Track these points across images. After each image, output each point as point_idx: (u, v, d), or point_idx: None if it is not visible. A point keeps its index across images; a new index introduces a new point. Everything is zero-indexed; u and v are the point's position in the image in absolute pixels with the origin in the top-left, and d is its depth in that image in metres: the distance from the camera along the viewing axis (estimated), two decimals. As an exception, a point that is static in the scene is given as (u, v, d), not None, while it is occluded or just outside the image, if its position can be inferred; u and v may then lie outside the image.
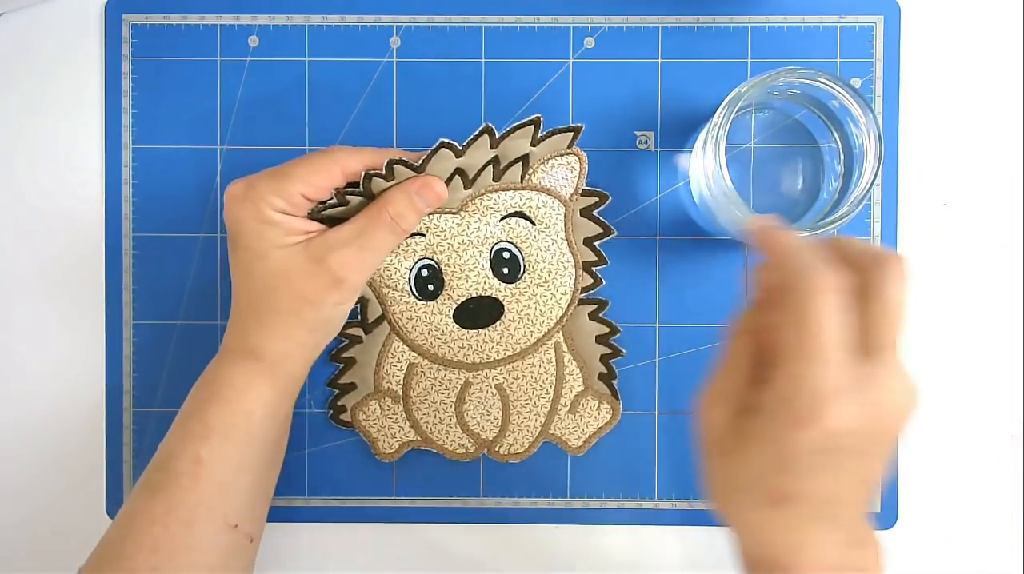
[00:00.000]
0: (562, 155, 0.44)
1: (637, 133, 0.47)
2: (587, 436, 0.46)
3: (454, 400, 0.46)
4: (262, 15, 0.47)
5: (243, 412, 0.40)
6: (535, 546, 0.47)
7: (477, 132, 0.41)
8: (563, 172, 0.45)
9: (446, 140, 0.40)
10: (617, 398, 0.47)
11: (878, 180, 0.40)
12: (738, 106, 0.39)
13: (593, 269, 0.46)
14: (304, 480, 0.47)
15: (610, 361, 0.47)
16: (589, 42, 0.47)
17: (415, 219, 0.41)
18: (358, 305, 0.46)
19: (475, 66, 0.47)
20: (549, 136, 0.43)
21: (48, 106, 0.47)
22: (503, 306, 0.45)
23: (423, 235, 0.44)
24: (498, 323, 0.46)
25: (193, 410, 0.40)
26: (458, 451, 0.46)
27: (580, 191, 0.45)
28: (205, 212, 0.47)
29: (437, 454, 0.46)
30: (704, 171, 0.41)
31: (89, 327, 0.47)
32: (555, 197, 0.45)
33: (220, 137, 0.47)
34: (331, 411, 0.47)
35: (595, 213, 0.45)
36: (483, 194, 0.44)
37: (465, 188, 0.44)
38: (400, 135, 0.47)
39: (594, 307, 0.46)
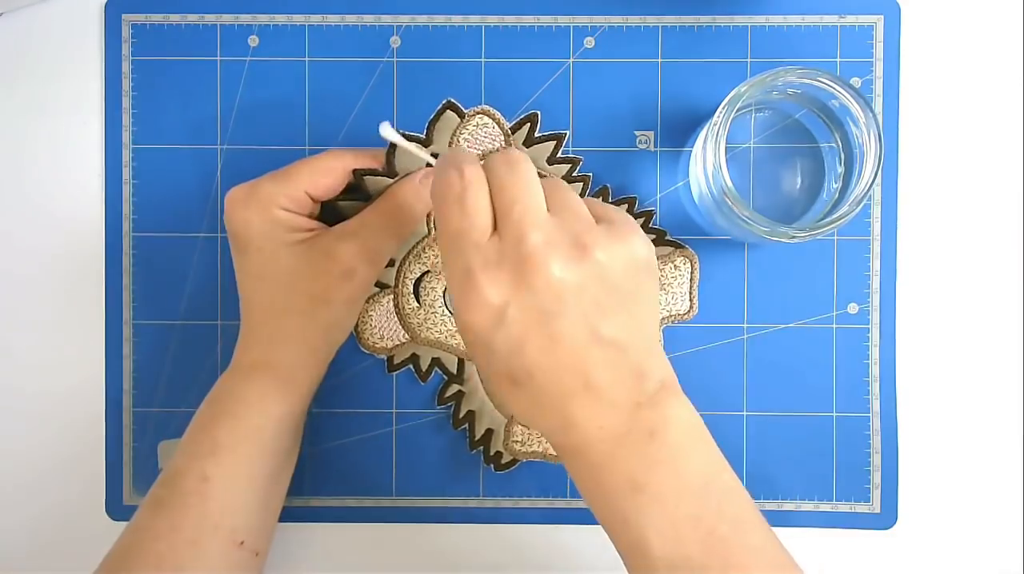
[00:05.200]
0: (465, 125, 0.42)
1: (637, 133, 0.47)
2: (686, 294, 0.46)
3: None
4: (262, 15, 0.47)
5: (253, 428, 0.40)
6: (535, 546, 0.47)
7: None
8: (483, 132, 0.42)
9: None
10: (683, 246, 0.46)
11: (878, 180, 0.40)
12: (738, 106, 0.39)
13: (573, 175, 0.44)
14: (304, 480, 0.47)
15: (650, 225, 0.46)
16: (589, 42, 0.47)
17: (420, 207, 0.41)
18: (437, 369, 0.45)
19: (475, 66, 0.47)
20: (432, 128, 0.41)
21: (48, 106, 0.47)
22: None
23: (429, 271, 0.44)
24: None
25: (201, 427, 0.40)
26: None
27: (509, 131, 0.43)
28: (205, 212, 0.47)
29: (438, 453, 0.46)
30: (704, 171, 0.41)
31: (89, 327, 0.47)
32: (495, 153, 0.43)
33: (220, 137, 0.47)
34: (492, 466, 0.46)
35: (535, 135, 0.43)
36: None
37: None
38: (400, 135, 0.47)
39: (600, 198, 0.45)
